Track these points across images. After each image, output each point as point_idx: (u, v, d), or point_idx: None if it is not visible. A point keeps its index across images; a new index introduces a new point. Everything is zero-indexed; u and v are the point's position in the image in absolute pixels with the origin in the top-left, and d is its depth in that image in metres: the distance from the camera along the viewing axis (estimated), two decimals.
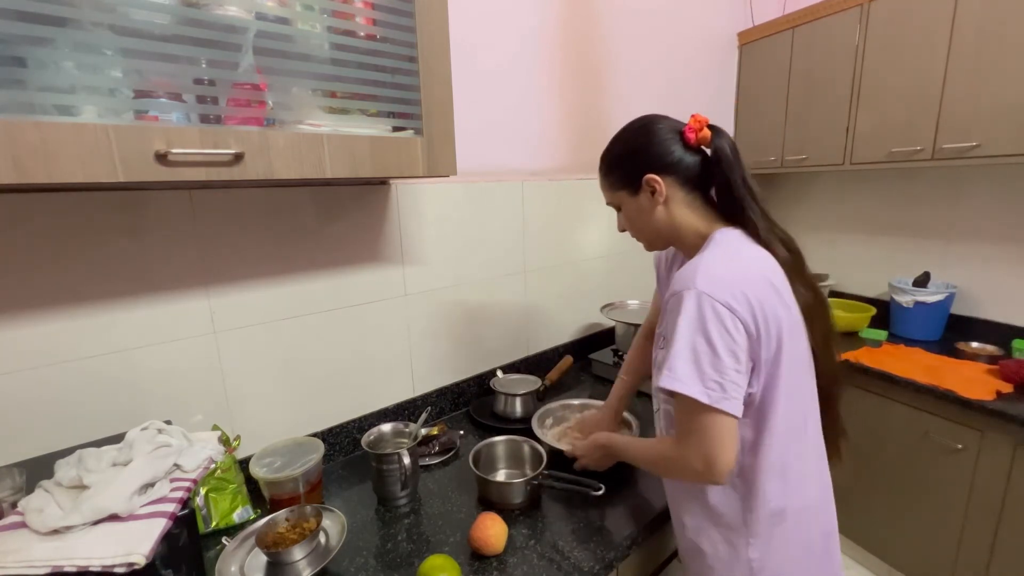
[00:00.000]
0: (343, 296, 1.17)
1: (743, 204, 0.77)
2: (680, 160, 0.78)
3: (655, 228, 0.83)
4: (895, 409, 1.60)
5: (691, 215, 0.80)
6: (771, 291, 0.71)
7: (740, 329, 0.68)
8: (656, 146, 0.79)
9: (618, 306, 1.71)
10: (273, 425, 1.10)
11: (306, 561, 0.80)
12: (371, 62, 0.83)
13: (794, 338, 0.74)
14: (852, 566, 1.83)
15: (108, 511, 0.64)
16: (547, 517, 0.95)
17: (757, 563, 0.77)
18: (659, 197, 0.79)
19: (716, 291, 0.68)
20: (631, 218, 0.86)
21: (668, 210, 0.80)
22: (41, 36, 0.58)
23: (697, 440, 0.70)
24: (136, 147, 0.63)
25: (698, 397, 0.67)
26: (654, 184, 0.78)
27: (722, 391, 0.67)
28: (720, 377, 0.67)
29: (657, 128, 0.80)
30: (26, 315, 0.81)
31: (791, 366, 0.73)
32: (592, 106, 1.66)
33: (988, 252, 1.81)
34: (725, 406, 0.67)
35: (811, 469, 0.80)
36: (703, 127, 0.77)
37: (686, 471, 0.74)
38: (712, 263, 0.71)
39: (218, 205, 0.97)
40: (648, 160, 0.79)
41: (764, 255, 0.76)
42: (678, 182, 0.79)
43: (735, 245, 0.76)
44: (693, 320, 0.68)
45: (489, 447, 1.10)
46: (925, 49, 1.59)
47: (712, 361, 0.67)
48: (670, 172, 0.78)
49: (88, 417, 0.88)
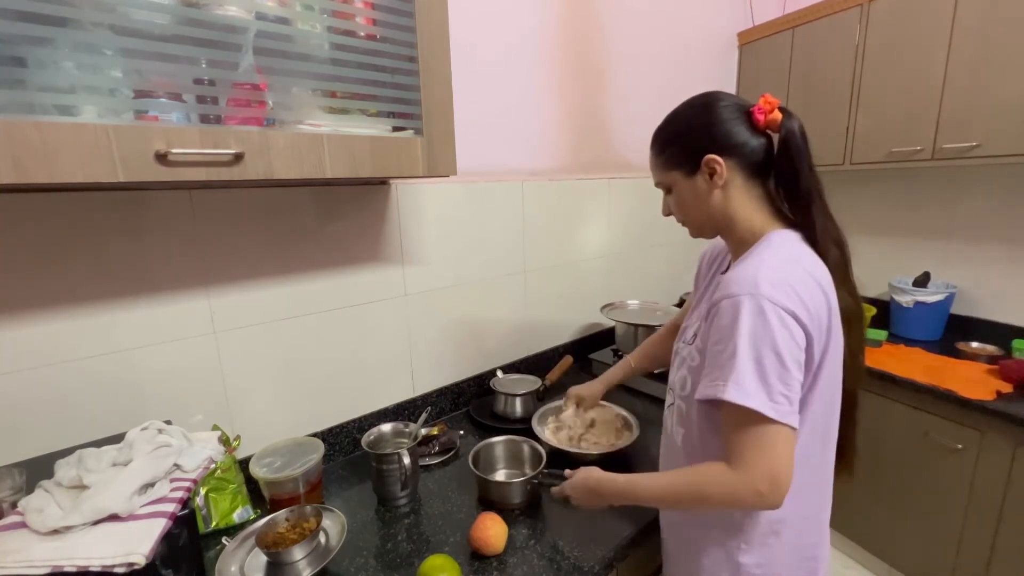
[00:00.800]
0: (343, 296, 1.17)
1: (809, 198, 0.71)
2: (745, 143, 0.71)
3: (708, 214, 0.76)
4: (895, 409, 1.60)
5: (748, 205, 0.74)
6: (824, 301, 0.68)
7: (802, 338, 0.64)
8: (721, 124, 0.72)
9: (618, 306, 1.70)
10: (273, 425, 1.10)
11: (306, 561, 0.80)
12: (371, 62, 0.83)
13: (835, 352, 0.71)
14: (852, 566, 1.83)
15: (108, 511, 0.64)
16: (547, 517, 0.95)
17: (746, 569, 0.75)
18: (718, 180, 0.72)
19: (782, 298, 0.63)
20: (682, 201, 0.78)
21: (725, 196, 0.74)
22: (41, 36, 0.58)
23: (762, 460, 0.63)
24: (136, 147, 0.63)
25: (765, 412, 0.61)
26: (715, 165, 0.72)
27: (789, 404, 0.62)
28: (787, 390, 0.62)
29: (722, 106, 0.73)
30: (26, 315, 0.81)
31: (828, 379, 0.71)
32: (592, 106, 1.66)
33: (988, 252, 1.81)
34: (791, 420, 0.62)
35: (818, 484, 0.78)
36: (774, 108, 0.70)
37: (744, 495, 0.64)
38: (774, 267, 0.66)
39: (218, 205, 0.97)
40: (711, 139, 0.72)
41: (818, 261, 0.71)
42: (740, 166, 0.72)
43: (793, 248, 0.71)
44: (758, 328, 0.62)
45: (488, 447, 1.10)
46: (925, 49, 1.59)
47: (780, 373, 0.62)
48: (733, 154, 0.72)
49: (88, 417, 0.88)
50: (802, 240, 0.73)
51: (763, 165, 0.73)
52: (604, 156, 1.74)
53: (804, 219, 0.73)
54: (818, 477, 0.78)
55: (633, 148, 1.81)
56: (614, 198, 1.78)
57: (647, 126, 0.83)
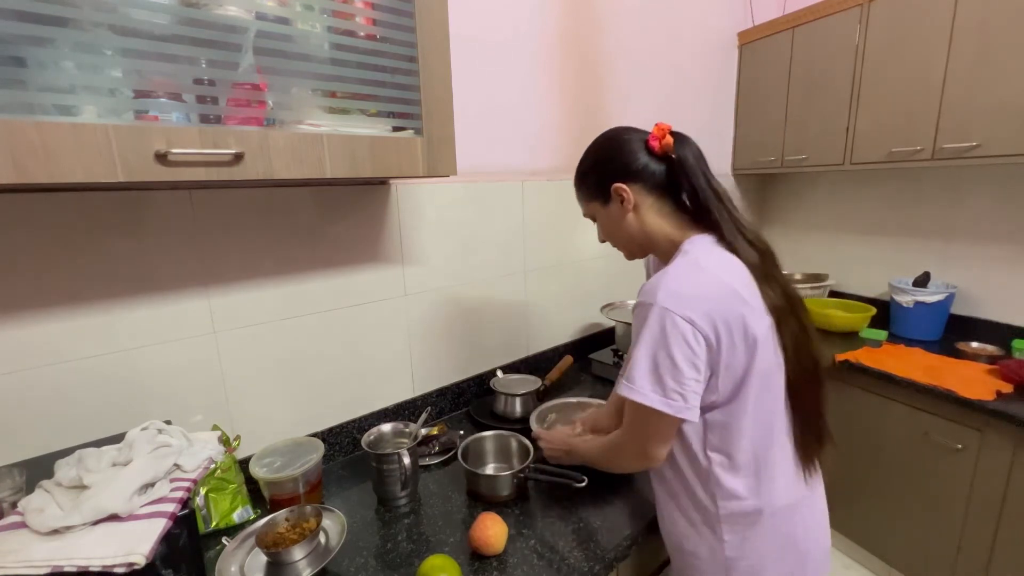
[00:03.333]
0: (343, 296, 1.17)
1: (709, 207, 0.78)
2: (645, 167, 0.80)
3: (628, 235, 0.85)
4: (895, 409, 1.60)
5: (661, 221, 0.82)
6: (736, 299, 0.72)
7: (701, 342, 0.70)
8: (622, 156, 0.81)
9: (618, 306, 1.70)
10: (273, 425, 1.10)
11: (306, 561, 0.80)
12: (371, 62, 0.83)
13: (768, 342, 0.74)
14: (852, 566, 1.83)
15: (108, 511, 0.64)
16: (547, 517, 0.95)
17: (733, 562, 0.78)
18: (628, 205, 0.81)
19: (678, 307, 0.70)
20: (605, 227, 0.88)
21: (638, 217, 0.82)
22: (41, 36, 0.58)
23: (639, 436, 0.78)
24: (136, 147, 0.63)
25: (660, 408, 0.71)
26: (622, 192, 0.81)
27: (683, 400, 0.71)
28: (681, 388, 0.71)
29: (623, 139, 0.82)
30: (26, 315, 0.81)
31: (765, 369, 0.74)
32: (592, 106, 1.66)
33: (988, 252, 1.81)
34: (686, 415, 0.72)
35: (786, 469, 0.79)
36: (665, 134, 0.78)
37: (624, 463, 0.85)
38: (675, 277, 0.73)
39: (218, 205, 0.96)
40: (615, 169, 0.81)
41: (732, 262, 0.76)
42: (645, 189, 0.81)
43: (701, 255, 0.76)
44: (656, 334, 0.71)
45: (478, 442, 1.11)
46: (925, 49, 1.59)
47: (673, 373, 0.70)
48: (636, 179, 0.80)
49: (88, 417, 0.88)
50: (716, 242, 0.78)
51: (669, 184, 0.81)
52: None
53: (711, 226, 0.79)
54: (783, 461, 0.79)
55: None
56: None
57: (647, 126, 0.84)
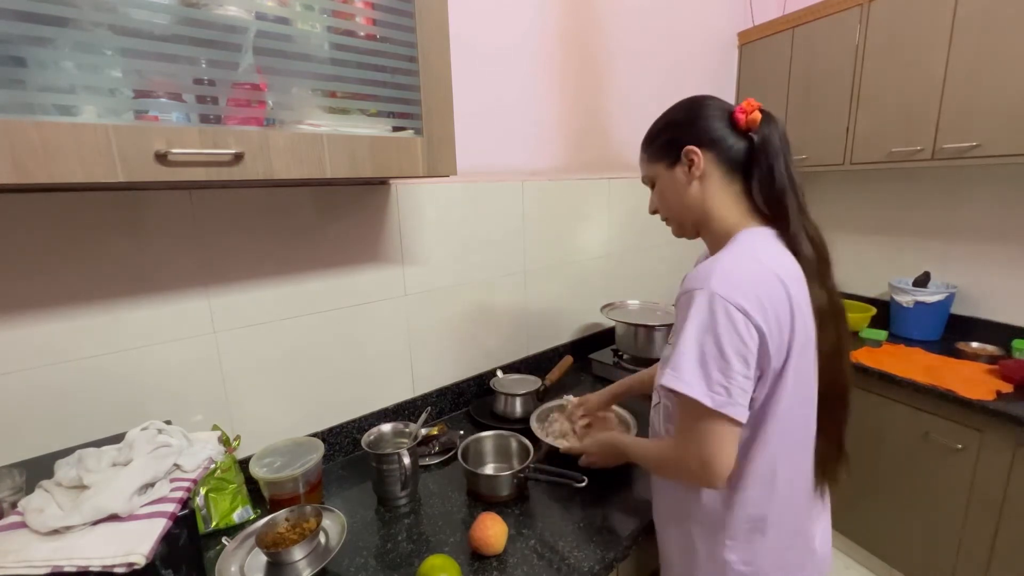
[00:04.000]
0: (343, 296, 1.17)
1: (782, 194, 0.73)
2: (724, 139, 0.75)
3: (686, 206, 0.79)
4: (895, 409, 1.60)
5: (725, 200, 0.76)
6: (787, 298, 0.69)
7: (753, 333, 0.65)
8: (701, 120, 0.76)
9: (618, 306, 1.70)
10: (273, 425, 1.10)
11: (306, 561, 0.80)
12: (371, 62, 0.83)
13: (805, 350, 0.71)
14: (852, 566, 1.83)
15: (108, 511, 0.64)
16: (547, 517, 0.95)
17: (732, 566, 0.76)
18: (696, 171, 0.76)
19: (730, 293, 0.65)
20: (664, 192, 0.82)
21: (703, 188, 0.77)
22: (41, 36, 0.58)
23: (697, 442, 0.69)
24: (136, 147, 0.63)
25: (702, 400, 0.65)
26: (692, 156, 0.76)
27: (728, 395, 0.65)
28: (727, 381, 0.65)
29: (705, 104, 0.78)
30: (26, 315, 0.81)
31: (798, 377, 0.71)
32: (592, 106, 1.66)
33: (988, 252, 1.81)
34: (730, 411, 0.65)
35: (803, 488, 0.78)
36: (755, 110, 0.73)
37: (683, 472, 0.73)
38: (729, 264, 0.69)
39: (218, 205, 0.96)
40: (691, 132, 0.76)
41: (786, 260, 0.72)
42: (718, 160, 0.75)
43: (757, 246, 0.72)
44: (704, 321, 0.66)
45: (478, 442, 1.11)
46: (925, 49, 1.59)
47: (720, 364, 0.65)
48: (712, 148, 0.75)
49: (88, 417, 0.88)
50: (775, 237, 0.74)
51: (743, 164, 0.75)
52: (604, 156, 1.74)
53: (777, 216, 0.75)
54: (801, 475, 0.78)
55: (633, 148, 1.79)
56: (614, 198, 1.78)
57: (647, 126, 0.84)
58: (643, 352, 1.56)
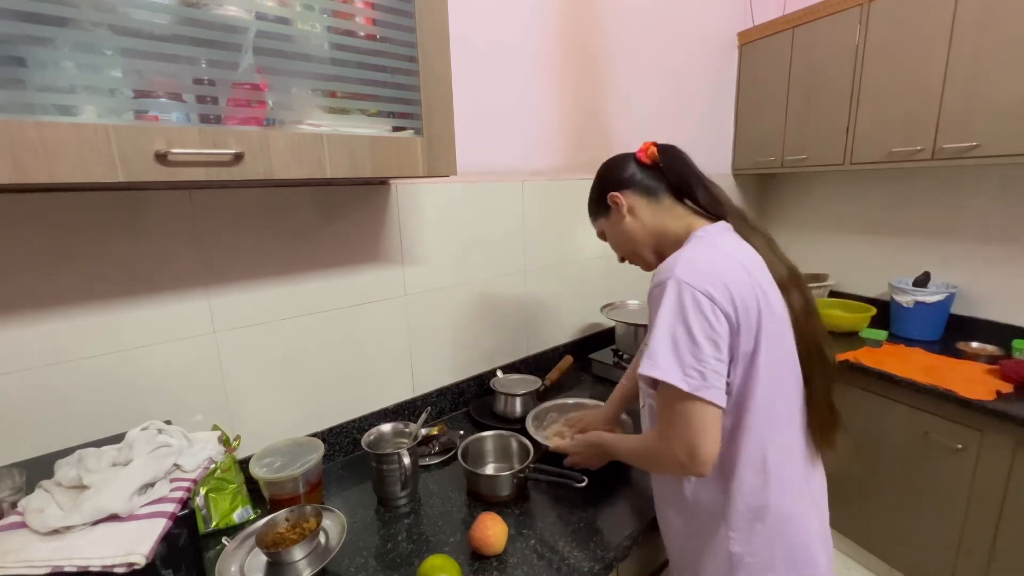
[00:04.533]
0: (343, 296, 1.17)
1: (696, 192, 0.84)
2: (634, 174, 0.88)
3: (634, 239, 0.89)
4: (895, 409, 1.60)
5: (663, 216, 0.86)
6: (751, 281, 0.73)
7: (721, 318, 0.69)
8: (614, 171, 0.90)
9: (618, 306, 1.71)
10: (273, 425, 1.10)
11: (306, 561, 0.80)
12: (371, 62, 0.83)
13: (775, 331, 0.74)
14: (852, 566, 1.83)
15: (108, 511, 0.64)
16: (547, 517, 0.95)
17: (737, 558, 0.77)
18: (623, 208, 0.87)
19: (696, 280, 0.69)
20: (613, 238, 0.93)
21: (637, 219, 0.87)
22: (41, 36, 0.58)
23: (679, 429, 0.70)
24: (136, 147, 0.63)
25: (678, 384, 0.68)
26: (615, 199, 0.88)
27: (702, 379, 0.68)
28: (700, 365, 0.68)
29: (614, 160, 0.93)
30: (26, 315, 0.81)
31: (770, 358, 0.73)
32: (592, 106, 1.66)
33: (988, 252, 1.81)
34: (706, 394, 0.68)
35: (797, 472, 0.79)
36: (649, 147, 0.87)
37: (670, 462, 0.73)
38: (692, 254, 0.74)
39: (218, 205, 0.96)
40: (608, 183, 0.90)
41: (742, 244, 0.79)
42: (637, 192, 0.87)
43: (715, 238, 0.78)
44: (673, 308, 0.69)
45: (478, 442, 1.11)
46: (925, 49, 1.59)
47: (691, 349, 0.68)
48: (626, 186, 0.88)
49: (88, 417, 0.88)
50: (729, 229, 0.81)
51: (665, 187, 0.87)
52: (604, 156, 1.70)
53: (715, 211, 0.84)
54: (792, 458, 0.79)
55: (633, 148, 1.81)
56: None
57: (647, 126, 0.85)
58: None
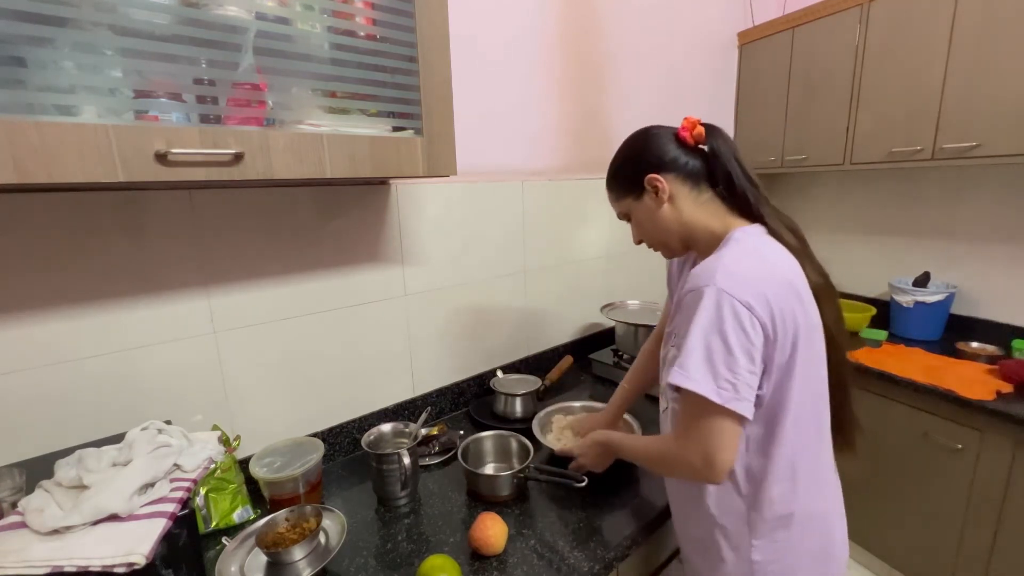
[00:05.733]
0: (343, 296, 1.17)
1: (745, 194, 0.78)
2: (678, 158, 0.79)
3: (666, 228, 0.82)
4: (895, 409, 1.60)
5: (700, 212, 0.80)
6: (791, 291, 0.70)
7: (758, 329, 0.67)
8: (653, 148, 0.80)
9: (618, 306, 1.70)
10: (273, 425, 1.10)
11: (306, 561, 0.80)
12: (371, 62, 0.83)
13: (810, 340, 0.72)
14: (852, 566, 1.83)
15: (108, 511, 0.64)
16: (547, 517, 0.95)
17: (760, 566, 0.76)
18: (663, 195, 0.79)
19: (736, 289, 0.66)
20: (641, 223, 0.85)
21: (675, 208, 0.80)
22: (41, 36, 0.58)
23: (700, 437, 0.69)
24: (136, 147, 0.63)
25: (709, 396, 0.66)
26: (655, 182, 0.79)
27: (735, 391, 0.66)
28: (734, 377, 0.66)
29: (652, 132, 0.82)
30: (26, 315, 0.81)
31: (805, 369, 0.72)
32: (592, 106, 1.66)
33: (988, 252, 1.81)
34: (736, 407, 0.66)
35: (823, 476, 0.79)
36: (695, 125, 0.78)
37: (684, 468, 0.73)
38: (733, 261, 0.70)
39: (218, 205, 0.96)
40: (647, 162, 0.80)
41: (784, 253, 0.75)
42: (680, 178, 0.79)
43: (755, 244, 0.74)
44: (711, 318, 0.67)
45: (477, 442, 1.11)
46: (925, 49, 1.59)
47: (727, 360, 0.66)
48: (669, 169, 0.79)
49: (88, 417, 0.88)
50: (766, 233, 0.77)
51: (704, 175, 0.79)
52: (604, 156, 1.72)
53: (750, 213, 0.79)
54: (819, 466, 0.79)
55: None
56: None
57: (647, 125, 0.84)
58: None
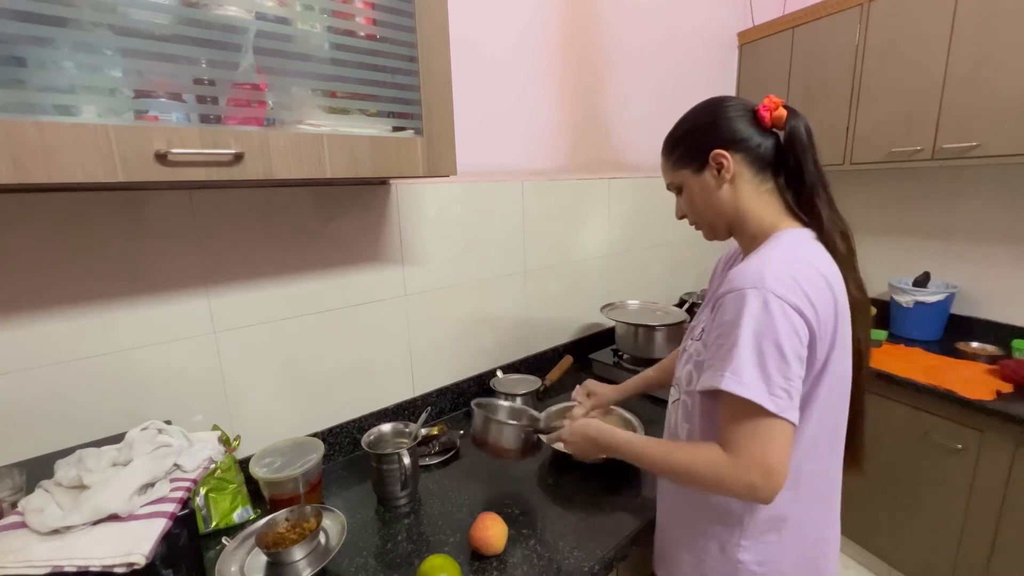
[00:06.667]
0: (343, 296, 1.17)
1: (812, 191, 0.73)
2: (750, 138, 0.73)
3: (718, 210, 0.77)
4: (895, 409, 1.60)
5: (758, 200, 0.75)
6: (832, 302, 0.68)
7: (805, 334, 0.64)
8: (725, 121, 0.74)
9: (618, 306, 1.70)
10: (273, 425, 1.10)
11: (306, 561, 0.80)
12: (371, 62, 0.83)
13: (842, 354, 0.71)
14: (852, 566, 1.83)
15: (108, 511, 0.64)
16: (547, 517, 0.95)
17: (744, 567, 0.75)
18: (726, 174, 0.74)
19: (787, 292, 0.63)
20: (693, 199, 0.79)
21: (734, 190, 0.75)
22: (41, 36, 0.58)
23: (757, 450, 0.64)
24: (136, 147, 0.63)
25: (764, 404, 0.62)
26: (721, 159, 0.73)
27: (789, 398, 0.63)
28: (787, 384, 0.63)
29: (727, 104, 0.76)
30: (26, 315, 0.81)
31: (832, 381, 0.70)
32: (592, 106, 1.66)
33: (988, 252, 1.82)
34: (790, 415, 0.63)
35: (826, 488, 0.78)
36: (778, 106, 0.72)
37: (739, 487, 0.65)
38: (780, 262, 0.67)
39: (218, 205, 0.96)
40: (717, 135, 0.74)
41: (825, 258, 0.72)
42: (747, 160, 0.74)
43: (802, 246, 0.71)
44: (762, 321, 0.63)
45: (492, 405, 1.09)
46: (925, 49, 1.59)
47: (780, 366, 0.63)
48: (740, 149, 0.73)
49: (88, 417, 0.88)
50: (814, 238, 0.74)
51: (772, 162, 0.75)
52: (604, 156, 1.74)
53: (809, 212, 0.74)
54: (825, 477, 0.78)
55: (633, 148, 1.81)
56: (614, 198, 1.78)
57: (647, 126, 0.84)
58: (643, 352, 1.56)
